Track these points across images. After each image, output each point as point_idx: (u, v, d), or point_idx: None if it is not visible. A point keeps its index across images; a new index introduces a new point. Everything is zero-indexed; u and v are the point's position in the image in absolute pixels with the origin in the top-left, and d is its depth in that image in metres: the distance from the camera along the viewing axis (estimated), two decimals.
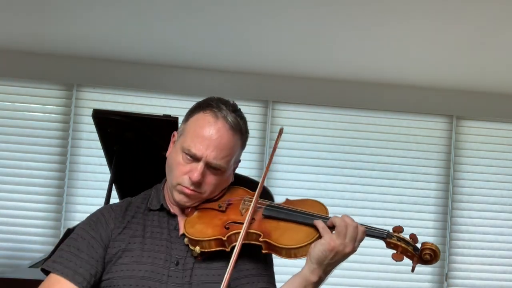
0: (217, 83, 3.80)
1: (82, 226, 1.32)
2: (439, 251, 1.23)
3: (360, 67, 3.64)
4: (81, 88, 3.79)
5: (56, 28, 3.29)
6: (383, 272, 3.79)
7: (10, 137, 3.70)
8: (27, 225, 3.67)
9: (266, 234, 1.24)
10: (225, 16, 2.98)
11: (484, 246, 3.93)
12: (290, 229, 1.25)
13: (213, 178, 1.30)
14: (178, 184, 1.30)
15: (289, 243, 1.21)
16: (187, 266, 1.26)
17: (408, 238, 1.25)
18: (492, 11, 2.69)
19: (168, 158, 1.35)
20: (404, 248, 1.23)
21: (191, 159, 1.28)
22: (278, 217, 1.28)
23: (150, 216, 1.34)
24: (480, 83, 3.82)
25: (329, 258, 1.21)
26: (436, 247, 1.22)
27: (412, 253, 1.23)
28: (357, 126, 3.92)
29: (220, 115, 1.28)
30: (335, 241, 1.21)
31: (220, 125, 1.28)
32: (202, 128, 1.28)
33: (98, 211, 1.36)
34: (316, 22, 2.98)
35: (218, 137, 1.27)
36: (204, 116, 1.29)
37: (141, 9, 2.93)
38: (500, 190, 3.97)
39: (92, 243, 1.27)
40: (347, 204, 3.85)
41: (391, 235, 1.25)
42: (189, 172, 1.28)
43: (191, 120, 1.32)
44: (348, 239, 1.22)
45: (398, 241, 1.24)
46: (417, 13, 2.78)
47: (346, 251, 1.22)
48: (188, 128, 1.31)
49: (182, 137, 1.32)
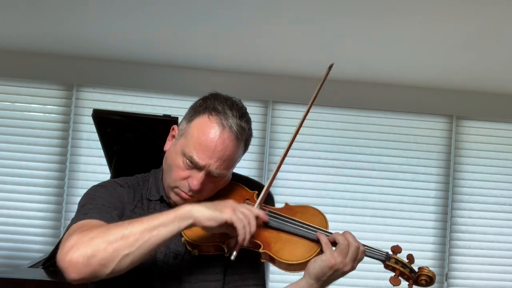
0: (217, 83, 3.79)
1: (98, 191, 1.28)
2: (435, 277, 1.27)
3: (360, 67, 3.65)
4: (81, 88, 3.79)
5: (56, 28, 3.28)
6: (382, 280, 3.78)
7: (10, 137, 3.70)
8: (27, 225, 3.67)
9: (266, 245, 1.21)
10: (225, 16, 2.97)
11: (484, 246, 3.93)
12: (291, 243, 1.23)
13: (212, 184, 1.27)
14: (175, 187, 1.26)
15: (290, 258, 1.20)
16: (185, 263, 1.26)
17: (406, 260, 1.28)
18: (492, 11, 2.69)
19: (167, 156, 1.29)
20: (401, 272, 1.27)
21: (191, 165, 1.23)
22: (279, 228, 1.25)
23: (152, 205, 1.31)
24: (480, 83, 3.82)
25: (327, 275, 1.21)
26: (433, 274, 1.26)
27: (409, 276, 1.26)
28: (357, 126, 3.92)
29: (226, 124, 1.22)
30: (336, 258, 1.20)
31: (225, 136, 1.21)
32: (206, 136, 1.21)
33: (103, 183, 1.32)
34: (316, 22, 2.98)
35: (223, 148, 1.21)
36: (209, 122, 1.22)
37: (141, 9, 2.93)
38: (500, 190, 3.97)
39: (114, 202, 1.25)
40: (347, 204, 3.85)
41: (389, 257, 1.27)
42: (189, 179, 1.23)
43: (195, 122, 1.25)
44: (348, 259, 1.21)
45: (396, 264, 1.26)
46: (417, 13, 2.78)
47: (345, 270, 1.22)
48: (191, 131, 1.24)
49: (183, 138, 1.25)
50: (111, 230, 1.07)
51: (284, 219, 1.27)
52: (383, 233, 3.82)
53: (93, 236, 1.06)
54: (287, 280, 1.31)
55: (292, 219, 1.28)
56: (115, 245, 1.05)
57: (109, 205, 1.22)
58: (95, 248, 1.04)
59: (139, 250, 1.06)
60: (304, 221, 1.27)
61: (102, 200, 1.23)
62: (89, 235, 1.06)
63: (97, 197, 1.24)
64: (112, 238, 1.05)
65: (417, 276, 1.26)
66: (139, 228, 1.07)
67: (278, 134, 3.87)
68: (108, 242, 1.05)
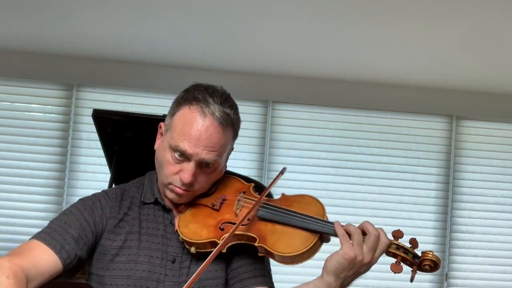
0: (217, 83, 3.74)
1: (77, 206, 1.27)
2: (439, 261, 1.20)
3: (360, 67, 3.64)
4: (81, 88, 3.79)
5: (56, 28, 3.29)
6: (383, 272, 3.78)
7: (10, 137, 3.70)
8: (27, 225, 3.67)
9: (262, 238, 1.20)
10: (225, 16, 2.98)
11: (484, 246, 3.93)
12: (286, 234, 1.20)
13: (205, 175, 1.25)
14: (169, 184, 1.25)
15: (285, 250, 1.17)
16: (184, 264, 1.25)
17: (408, 245, 1.22)
18: (491, 11, 2.69)
19: (157, 153, 1.28)
20: (403, 257, 1.21)
21: (180, 158, 1.21)
22: (274, 220, 1.23)
23: (145, 210, 1.30)
24: (480, 83, 3.82)
25: (347, 270, 1.15)
26: (437, 258, 1.19)
27: (411, 261, 1.21)
28: (357, 126, 3.92)
29: (207, 111, 1.20)
30: (354, 250, 1.14)
31: (208, 122, 1.19)
32: (189, 126, 1.20)
33: (93, 196, 1.31)
34: (316, 22, 2.98)
35: (208, 136, 1.19)
36: (190, 112, 1.21)
37: (141, 9, 2.93)
38: (500, 190, 3.97)
39: (84, 226, 1.23)
40: (347, 204, 3.85)
41: (390, 243, 1.21)
42: (180, 172, 1.22)
43: (177, 115, 1.24)
44: (366, 249, 1.15)
45: (397, 250, 1.21)
46: (416, 13, 2.78)
47: (364, 262, 1.15)
48: (174, 124, 1.23)
49: (169, 133, 1.24)
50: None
51: (278, 210, 1.24)
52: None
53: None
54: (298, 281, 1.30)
55: (287, 209, 1.24)
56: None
57: (70, 227, 1.22)
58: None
59: None
60: (300, 211, 1.23)
61: (70, 219, 1.23)
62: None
63: (66, 214, 1.25)
64: None
65: (420, 261, 1.19)
66: None
67: (278, 134, 3.87)
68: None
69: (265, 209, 1.25)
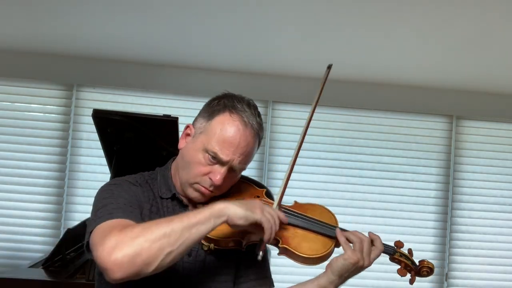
0: (217, 83, 3.79)
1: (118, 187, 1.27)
2: (434, 267, 1.41)
3: (360, 67, 3.65)
4: (81, 88, 3.79)
5: (56, 28, 3.29)
6: (383, 272, 3.78)
7: (10, 137, 3.70)
8: (27, 225, 3.67)
9: (285, 240, 1.29)
10: (226, 17, 2.98)
11: (484, 246, 3.93)
12: (308, 238, 1.32)
13: (229, 179, 1.31)
14: (196, 183, 1.28)
15: (308, 252, 1.29)
16: (199, 258, 1.29)
17: (408, 254, 1.41)
18: (491, 11, 2.69)
19: (185, 154, 1.31)
20: (406, 264, 1.39)
21: (213, 161, 1.26)
22: (296, 224, 1.33)
23: (164, 203, 1.33)
24: (480, 83, 3.82)
25: (349, 271, 1.29)
26: (432, 265, 1.40)
27: (411, 267, 1.39)
28: (357, 126, 3.92)
29: (248, 121, 1.28)
30: (357, 255, 1.28)
31: (248, 133, 1.28)
32: (230, 133, 1.26)
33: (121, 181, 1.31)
34: (316, 23, 2.98)
35: (246, 145, 1.28)
36: (232, 120, 1.27)
37: (141, 9, 2.93)
38: (500, 190, 3.97)
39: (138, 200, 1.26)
40: (347, 204, 3.85)
41: (396, 251, 1.39)
42: (210, 174, 1.27)
43: (216, 120, 1.28)
44: (365, 254, 1.30)
45: (401, 257, 1.39)
46: (416, 13, 2.78)
47: (364, 265, 1.31)
48: (213, 129, 1.27)
49: (204, 135, 1.28)
50: (152, 228, 1.08)
51: (299, 217, 1.35)
52: (383, 233, 3.74)
53: (134, 235, 1.06)
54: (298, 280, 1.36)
55: (306, 216, 1.36)
56: (158, 243, 1.06)
57: (130, 204, 1.23)
58: (139, 247, 1.04)
59: (180, 247, 1.08)
60: (317, 218, 1.36)
61: (123, 199, 1.23)
62: (129, 234, 1.06)
63: (117, 196, 1.24)
64: (154, 237, 1.06)
65: (419, 268, 1.38)
66: (179, 226, 1.09)
67: (278, 134, 3.87)
68: (151, 241, 1.05)
69: (288, 215, 1.33)
